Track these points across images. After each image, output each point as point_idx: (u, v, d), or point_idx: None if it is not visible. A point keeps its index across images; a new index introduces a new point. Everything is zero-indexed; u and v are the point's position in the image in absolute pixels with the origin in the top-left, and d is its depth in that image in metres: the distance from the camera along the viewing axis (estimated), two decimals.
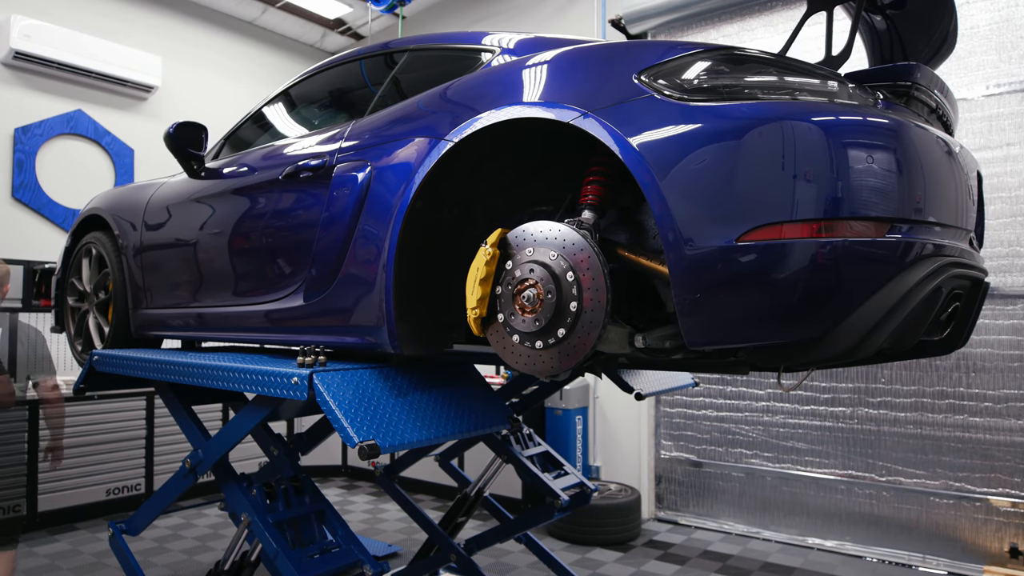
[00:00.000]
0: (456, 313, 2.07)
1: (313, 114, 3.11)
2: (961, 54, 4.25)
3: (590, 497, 3.22)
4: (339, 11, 7.07)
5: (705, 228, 1.51)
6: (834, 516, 4.71)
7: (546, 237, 1.74)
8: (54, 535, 4.79)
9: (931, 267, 1.57)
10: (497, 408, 2.36)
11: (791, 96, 1.60)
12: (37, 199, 5.67)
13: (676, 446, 5.43)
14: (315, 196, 2.39)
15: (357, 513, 5.57)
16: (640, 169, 1.58)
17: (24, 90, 5.65)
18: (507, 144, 2.02)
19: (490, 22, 6.50)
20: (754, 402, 5.05)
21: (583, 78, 1.86)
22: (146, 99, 6.38)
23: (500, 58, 2.24)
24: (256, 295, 2.59)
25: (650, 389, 3.32)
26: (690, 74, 1.64)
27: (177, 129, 2.87)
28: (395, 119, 2.30)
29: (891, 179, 1.54)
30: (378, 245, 2.09)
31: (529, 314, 1.73)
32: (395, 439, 1.93)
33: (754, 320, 1.51)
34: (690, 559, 4.55)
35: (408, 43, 2.65)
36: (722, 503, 5.20)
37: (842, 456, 4.68)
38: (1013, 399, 4.13)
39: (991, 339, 4.21)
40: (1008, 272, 4.20)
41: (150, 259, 3.09)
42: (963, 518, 4.26)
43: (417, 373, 2.24)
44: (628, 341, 1.77)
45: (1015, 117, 4.23)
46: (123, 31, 6.18)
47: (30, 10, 5.58)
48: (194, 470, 2.50)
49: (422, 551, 3.34)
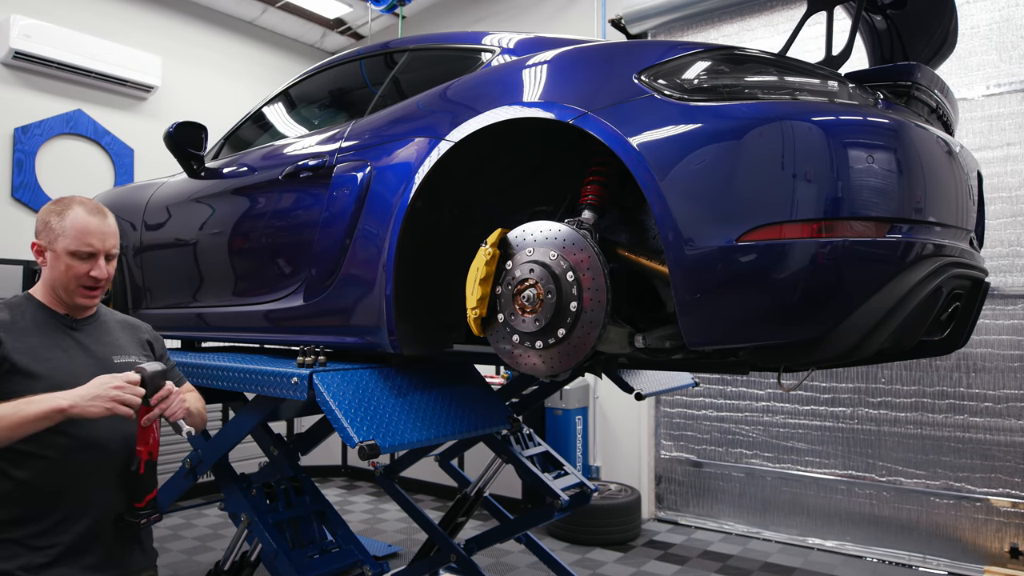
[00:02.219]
0: (456, 313, 2.07)
1: (313, 114, 3.11)
2: (961, 54, 4.24)
3: (590, 497, 3.22)
4: (339, 11, 7.06)
5: (705, 228, 1.50)
6: (834, 516, 4.71)
7: (546, 237, 1.74)
8: None
9: (931, 267, 1.57)
10: (497, 408, 2.36)
11: (791, 96, 1.60)
12: (37, 199, 5.66)
13: (676, 446, 5.42)
14: (315, 196, 2.39)
15: (357, 513, 5.57)
16: (640, 169, 1.57)
17: (24, 90, 5.65)
18: (507, 144, 2.02)
19: (490, 22, 6.50)
20: (754, 402, 5.05)
21: (583, 78, 1.86)
22: (146, 99, 6.37)
23: (500, 58, 2.24)
24: (256, 295, 2.58)
25: (650, 389, 3.32)
26: (690, 74, 1.64)
27: (177, 129, 2.86)
28: (395, 119, 2.30)
29: (891, 179, 1.54)
30: (378, 245, 2.09)
31: (529, 314, 1.73)
32: (395, 439, 1.93)
33: (754, 320, 1.51)
34: (690, 559, 4.55)
35: (408, 43, 2.65)
36: (722, 503, 5.20)
37: (842, 456, 4.68)
38: (1013, 399, 4.13)
39: (991, 339, 4.21)
40: (1008, 272, 4.20)
41: (150, 259, 3.09)
42: (963, 518, 4.26)
43: (417, 373, 2.24)
44: (628, 341, 1.77)
45: (1015, 117, 4.22)
46: (123, 31, 6.18)
47: (30, 10, 5.57)
48: (194, 470, 2.50)
49: (422, 551, 3.34)
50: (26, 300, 1.79)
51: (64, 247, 1.73)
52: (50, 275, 1.77)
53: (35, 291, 1.82)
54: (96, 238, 1.75)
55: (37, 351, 1.68)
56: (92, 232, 1.75)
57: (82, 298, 1.78)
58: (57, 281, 1.76)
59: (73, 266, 1.74)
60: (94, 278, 1.76)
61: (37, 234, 1.79)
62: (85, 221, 1.75)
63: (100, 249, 1.76)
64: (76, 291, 1.76)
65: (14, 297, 1.82)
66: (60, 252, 1.73)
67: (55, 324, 1.77)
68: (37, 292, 1.81)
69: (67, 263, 1.73)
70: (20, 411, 1.49)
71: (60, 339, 1.75)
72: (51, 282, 1.77)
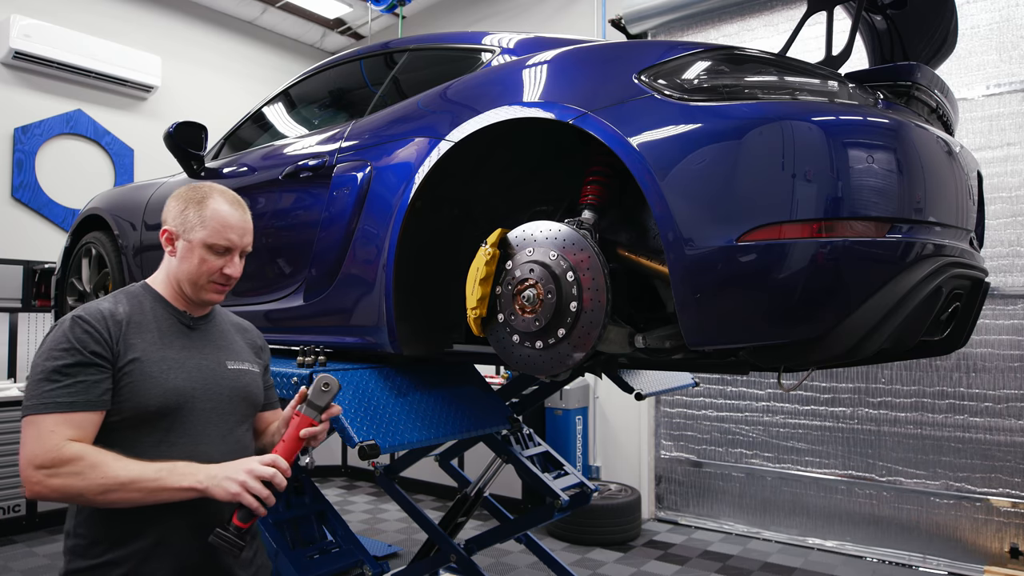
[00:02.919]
0: (456, 313, 2.07)
1: (313, 114, 3.11)
2: (961, 54, 4.24)
3: (590, 497, 3.22)
4: (339, 11, 7.07)
5: (705, 228, 1.50)
6: (834, 516, 4.71)
7: (546, 237, 1.74)
8: (53, 535, 4.79)
9: (931, 267, 1.57)
10: (497, 408, 2.36)
11: (791, 96, 1.60)
12: (37, 199, 5.67)
13: (676, 446, 5.42)
14: (315, 196, 2.39)
15: (357, 513, 5.57)
16: (640, 169, 1.57)
17: (24, 90, 5.65)
18: (507, 144, 2.02)
19: (490, 22, 6.50)
20: (754, 402, 5.05)
21: (583, 78, 1.86)
22: (146, 99, 6.37)
23: (500, 58, 2.24)
24: (256, 295, 2.58)
25: (650, 389, 3.32)
26: (690, 74, 1.64)
27: (177, 129, 2.86)
28: (395, 119, 2.30)
29: (891, 179, 1.53)
30: (378, 245, 2.09)
31: (529, 314, 1.73)
32: (395, 439, 1.93)
33: (754, 320, 1.51)
34: (690, 559, 4.55)
35: (408, 43, 2.65)
36: (722, 503, 5.20)
37: (842, 456, 4.68)
38: (1013, 399, 4.13)
39: (991, 339, 4.21)
40: (1008, 272, 4.19)
41: (150, 259, 3.09)
42: (963, 518, 4.26)
43: (417, 373, 2.24)
44: (628, 341, 1.77)
45: (1015, 117, 4.22)
46: (123, 31, 6.18)
47: (30, 10, 5.57)
48: None
49: (422, 551, 3.33)
50: (143, 291, 1.63)
51: (201, 239, 1.57)
52: (178, 267, 1.60)
53: (154, 282, 1.65)
54: (236, 233, 1.61)
55: (154, 350, 1.53)
56: (233, 226, 1.60)
57: (212, 294, 1.62)
58: (185, 274, 1.59)
59: (208, 260, 1.58)
60: (227, 275, 1.62)
61: (169, 221, 1.61)
62: (227, 214, 1.60)
63: (238, 245, 1.62)
64: (206, 287, 1.61)
65: (132, 286, 1.64)
66: (195, 244, 1.58)
67: (173, 321, 1.60)
68: (156, 283, 1.64)
69: (201, 256, 1.58)
70: (160, 482, 1.37)
71: (176, 338, 1.59)
72: (177, 274, 1.61)
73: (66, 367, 1.41)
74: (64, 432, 1.37)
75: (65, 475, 1.35)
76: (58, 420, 1.38)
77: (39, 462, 1.35)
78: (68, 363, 1.42)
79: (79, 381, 1.41)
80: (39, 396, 1.40)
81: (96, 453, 1.38)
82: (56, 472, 1.35)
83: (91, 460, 1.36)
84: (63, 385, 1.40)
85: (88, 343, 1.44)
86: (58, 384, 1.40)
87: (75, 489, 1.35)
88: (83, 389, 1.41)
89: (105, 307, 1.52)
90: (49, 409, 1.39)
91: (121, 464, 1.37)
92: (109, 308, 1.52)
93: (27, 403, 1.41)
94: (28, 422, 1.40)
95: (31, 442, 1.38)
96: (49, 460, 1.35)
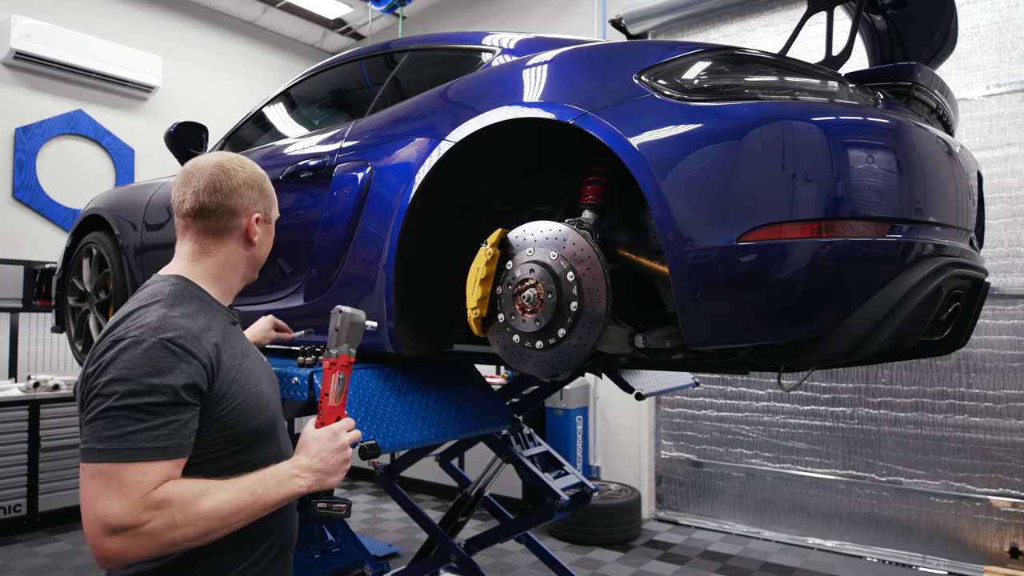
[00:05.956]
0: (456, 313, 2.07)
1: (313, 114, 3.11)
2: (961, 54, 4.24)
3: (590, 497, 3.22)
4: (339, 11, 7.07)
5: (705, 228, 1.50)
6: (834, 516, 4.71)
7: (546, 237, 1.74)
8: (54, 535, 4.79)
9: (931, 267, 1.57)
10: (497, 408, 2.36)
11: (791, 96, 1.60)
12: (37, 199, 5.67)
13: (676, 446, 5.43)
14: (315, 196, 2.39)
15: (357, 513, 5.57)
16: (640, 169, 1.57)
17: (24, 90, 5.65)
18: (507, 144, 2.02)
19: (490, 22, 6.50)
20: (754, 402, 5.05)
21: (583, 78, 1.86)
22: (146, 99, 6.38)
23: (500, 58, 2.24)
24: (256, 295, 2.59)
25: (650, 389, 3.32)
26: (690, 74, 1.64)
27: (177, 129, 2.87)
28: (395, 119, 2.30)
29: (891, 179, 1.54)
30: (378, 245, 2.09)
31: (529, 314, 1.73)
32: (395, 439, 1.93)
33: (754, 320, 1.51)
34: (690, 559, 4.55)
35: (408, 43, 2.65)
36: (722, 503, 5.20)
37: (842, 456, 4.68)
38: (1013, 399, 4.13)
39: (991, 339, 4.21)
40: (1008, 272, 4.20)
41: (151, 259, 3.09)
42: (963, 518, 4.26)
43: (417, 373, 2.24)
44: (628, 341, 1.77)
45: (1015, 117, 4.22)
46: (123, 31, 6.18)
47: (30, 10, 5.58)
48: None
49: (422, 551, 3.33)
50: (197, 290, 1.35)
51: (276, 216, 1.45)
52: (257, 251, 1.43)
53: (196, 278, 1.37)
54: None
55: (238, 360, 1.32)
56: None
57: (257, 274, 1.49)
58: (262, 257, 1.45)
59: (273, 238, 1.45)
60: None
61: (253, 203, 1.40)
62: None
63: None
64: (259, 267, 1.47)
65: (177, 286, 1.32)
66: (272, 223, 1.44)
67: (226, 322, 1.37)
68: (201, 279, 1.37)
69: (272, 236, 1.45)
70: (260, 502, 1.18)
71: (237, 340, 1.37)
72: (254, 259, 1.43)
73: (156, 405, 1.13)
74: (151, 485, 1.11)
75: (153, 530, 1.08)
76: (144, 470, 1.11)
77: (120, 521, 1.07)
78: (158, 401, 1.13)
79: (170, 421, 1.14)
80: (120, 440, 1.11)
81: (180, 490, 1.12)
82: (139, 532, 1.08)
83: (179, 500, 1.11)
84: (151, 426, 1.13)
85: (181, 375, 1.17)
86: (145, 424, 1.12)
87: (166, 542, 1.10)
88: (174, 431, 1.15)
89: (195, 327, 1.24)
90: (136, 457, 1.10)
91: (211, 496, 1.14)
92: (201, 327, 1.25)
93: (98, 445, 1.11)
94: (100, 472, 1.10)
95: (106, 497, 1.08)
96: (134, 520, 1.07)
